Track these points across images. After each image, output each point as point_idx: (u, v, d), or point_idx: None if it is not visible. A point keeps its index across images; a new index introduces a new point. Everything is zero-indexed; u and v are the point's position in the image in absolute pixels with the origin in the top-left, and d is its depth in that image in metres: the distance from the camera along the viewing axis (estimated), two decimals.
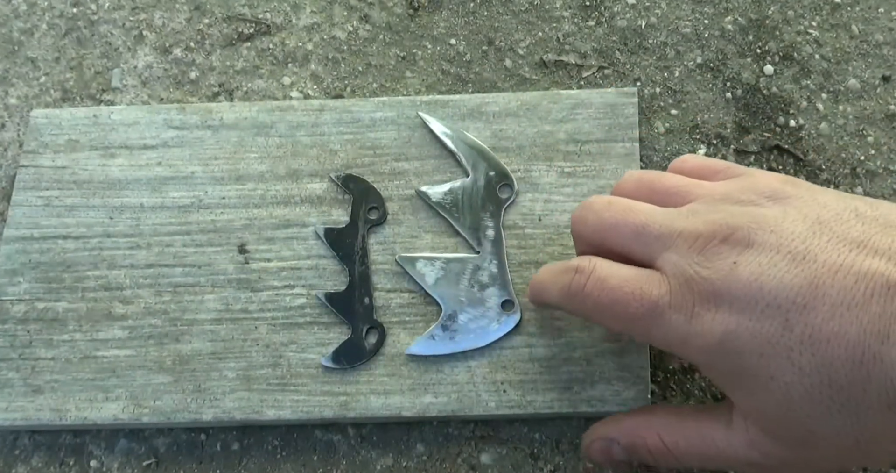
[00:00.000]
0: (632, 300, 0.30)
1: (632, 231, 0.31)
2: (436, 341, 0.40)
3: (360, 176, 0.44)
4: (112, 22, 0.52)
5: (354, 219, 0.43)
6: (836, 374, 0.26)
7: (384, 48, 0.50)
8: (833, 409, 0.26)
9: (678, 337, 0.29)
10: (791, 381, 0.26)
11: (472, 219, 0.42)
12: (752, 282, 0.27)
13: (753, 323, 0.27)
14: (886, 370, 0.25)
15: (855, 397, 0.26)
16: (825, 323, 0.26)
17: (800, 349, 0.26)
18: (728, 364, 0.28)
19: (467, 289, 0.41)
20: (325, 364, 0.40)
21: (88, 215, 0.44)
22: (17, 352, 0.41)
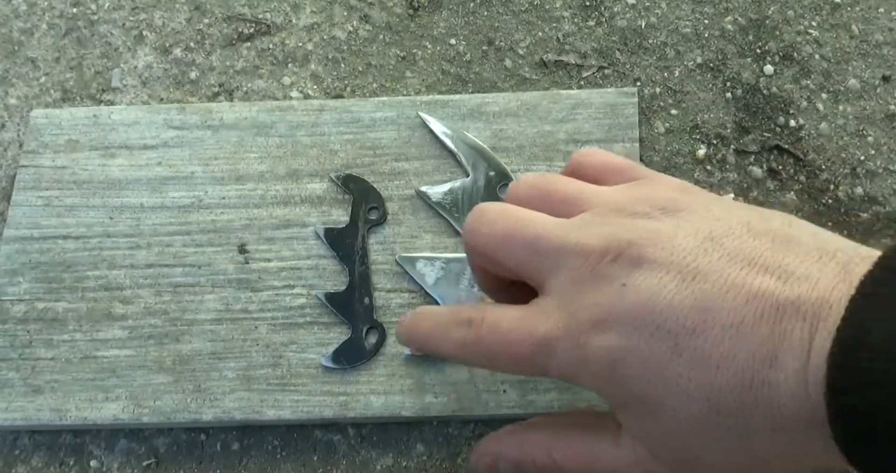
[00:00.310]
0: (523, 340, 0.29)
1: (523, 246, 0.30)
2: None
3: (360, 176, 0.44)
4: (112, 22, 0.52)
5: (354, 219, 0.43)
6: (725, 400, 0.25)
7: (384, 48, 0.50)
8: (721, 434, 0.26)
9: (571, 367, 0.28)
10: (679, 407, 0.26)
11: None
12: (640, 306, 0.26)
13: (642, 348, 0.26)
14: (773, 394, 0.24)
15: (743, 422, 0.25)
16: (714, 348, 0.25)
17: (689, 375, 0.25)
18: (618, 390, 0.28)
19: (467, 289, 0.41)
20: (325, 364, 0.40)
21: (88, 215, 0.44)
22: (17, 352, 0.41)
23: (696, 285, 0.26)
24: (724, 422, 0.26)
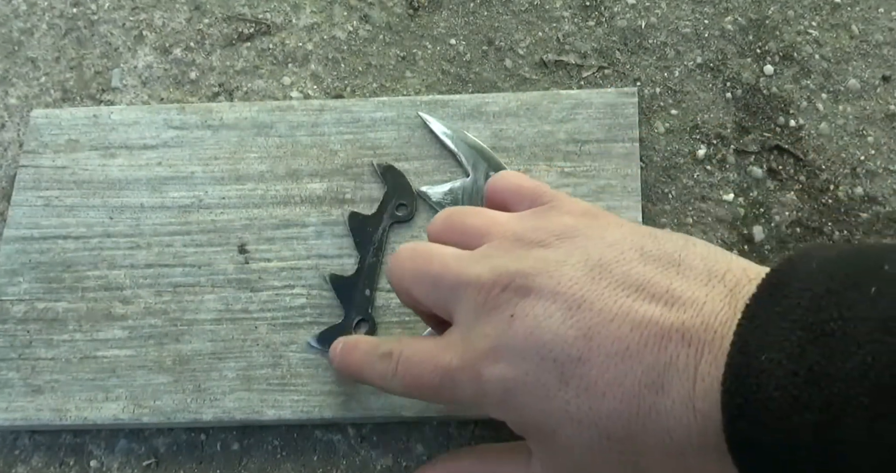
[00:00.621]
0: (429, 371, 0.30)
1: (430, 283, 0.31)
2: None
3: (400, 170, 0.44)
4: (112, 22, 0.52)
5: (382, 210, 0.43)
6: (614, 426, 0.25)
7: (384, 48, 0.50)
8: (614, 459, 0.26)
9: (471, 397, 0.29)
10: (571, 434, 0.26)
11: None
12: (527, 336, 0.27)
13: (530, 377, 0.27)
14: (661, 420, 0.25)
15: (634, 448, 0.25)
16: (600, 376, 0.25)
17: (576, 402, 0.26)
18: (516, 418, 0.28)
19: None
20: (311, 343, 0.40)
21: (88, 215, 0.44)
22: (17, 352, 0.41)
23: (582, 313, 0.26)
24: (615, 447, 0.26)
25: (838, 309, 0.22)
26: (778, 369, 0.22)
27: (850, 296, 0.22)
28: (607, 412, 0.25)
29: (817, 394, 0.21)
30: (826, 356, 0.22)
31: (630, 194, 0.42)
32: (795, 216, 0.44)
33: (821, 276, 0.23)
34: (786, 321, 0.23)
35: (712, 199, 0.45)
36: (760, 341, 0.23)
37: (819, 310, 0.22)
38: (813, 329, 0.22)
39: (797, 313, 0.23)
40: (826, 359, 0.22)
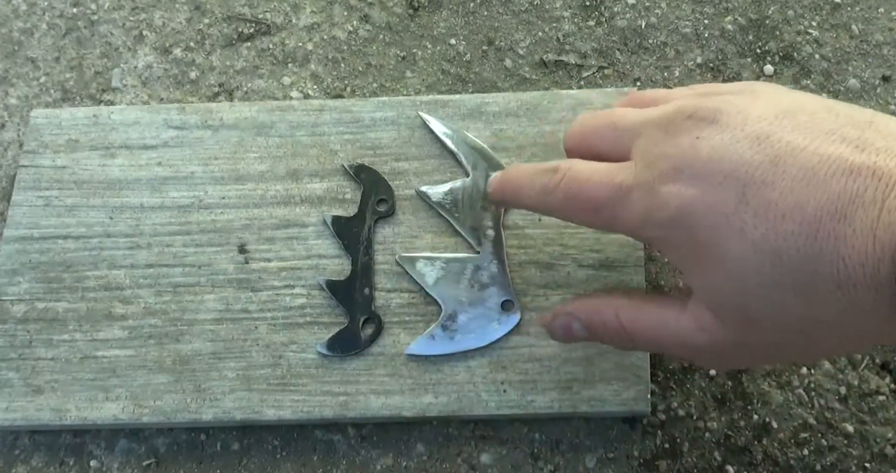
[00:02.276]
0: (598, 186, 0.30)
1: (608, 127, 0.32)
2: (435, 341, 0.40)
3: (372, 167, 0.44)
4: (112, 22, 0.52)
5: (363, 209, 0.43)
6: (789, 249, 0.25)
7: (384, 48, 0.50)
8: (782, 287, 0.26)
9: (639, 216, 0.29)
10: (742, 255, 0.26)
11: (473, 219, 0.42)
12: (712, 155, 0.27)
13: (709, 195, 0.26)
14: (839, 247, 0.24)
15: (805, 274, 0.25)
16: (782, 198, 0.25)
17: (754, 222, 0.26)
18: (683, 238, 0.28)
19: (467, 289, 0.41)
20: (320, 351, 0.40)
21: (88, 215, 0.44)
22: (17, 352, 0.41)
23: (770, 144, 0.26)
24: (785, 273, 0.25)
25: None
26: None
27: None
28: (784, 233, 0.25)
29: None
30: None
31: None
32: None
33: None
34: None
35: None
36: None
37: None
38: None
39: None
40: None
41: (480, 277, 0.41)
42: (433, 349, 0.40)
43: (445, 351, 0.40)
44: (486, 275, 0.41)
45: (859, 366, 0.41)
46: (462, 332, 0.40)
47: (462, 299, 0.41)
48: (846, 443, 0.40)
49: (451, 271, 0.41)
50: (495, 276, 0.41)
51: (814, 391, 0.41)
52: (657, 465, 0.40)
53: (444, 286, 0.41)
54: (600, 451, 0.40)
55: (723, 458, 0.40)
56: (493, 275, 0.41)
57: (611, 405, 0.39)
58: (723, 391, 0.41)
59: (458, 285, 0.41)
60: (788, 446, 0.40)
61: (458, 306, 0.41)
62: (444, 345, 0.40)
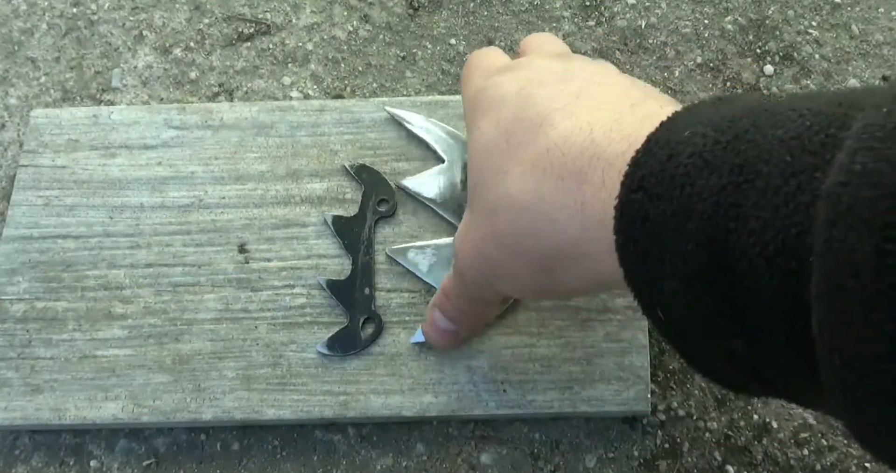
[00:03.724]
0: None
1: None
2: None
3: (372, 166, 0.44)
4: (112, 22, 0.52)
5: (363, 209, 0.43)
6: (515, 131, 0.29)
7: (384, 48, 0.50)
8: (505, 164, 0.29)
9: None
10: (484, 130, 0.31)
11: (454, 202, 0.42)
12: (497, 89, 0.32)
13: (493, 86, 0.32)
14: (549, 133, 0.28)
15: (523, 147, 0.29)
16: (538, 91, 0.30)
17: (499, 107, 0.31)
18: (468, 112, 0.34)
19: None
20: (321, 350, 0.40)
21: (88, 215, 0.44)
22: (17, 351, 0.41)
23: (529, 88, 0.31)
24: (509, 150, 0.29)
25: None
26: (699, 138, 0.22)
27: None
28: (518, 118, 0.30)
29: (732, 157, 0.21)
30: (756, 125, 0.22)
31: None
32: None
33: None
34: (706, 118, 0.23)
35: None
36: (686, 122, 0.24)
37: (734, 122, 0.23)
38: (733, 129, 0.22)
39: (715, 118, 0.23)
40: (755, 128, 0.21)
41: None
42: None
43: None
44: None
45: None
46: None
47: None
48: (846, 443, 0.40)
49: (443, 256, 0.41)
50: None
51: None
52: (657, 465, 0.40)
53: (438, 272, 0.41)
54: (600, 451, 0.40)
55: (723, 458, 0.40)
56: None
57: (611, 405, 0.39)
58: (723, 391, 0.41)
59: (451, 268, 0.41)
60: (788, 446, 0.40)
61: None
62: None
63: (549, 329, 0.40)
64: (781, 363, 0.21)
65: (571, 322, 0.40)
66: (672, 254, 0.22)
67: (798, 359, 0.20)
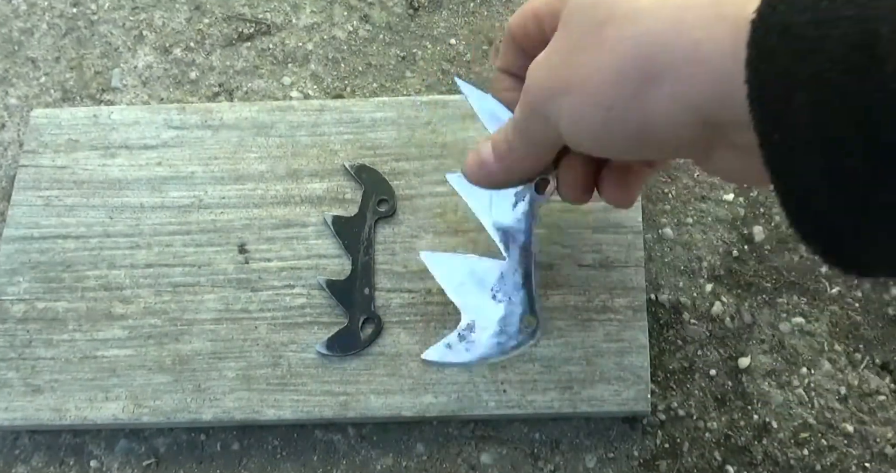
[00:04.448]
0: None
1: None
2: (452, 350, 0.39)
3: (372, 166, 0.44)
4: (112, 22, 0.52)
5: (363, 209, 0.43)
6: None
7: (384, 48, 0.50)
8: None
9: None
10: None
11: (503, 216, 0.38)
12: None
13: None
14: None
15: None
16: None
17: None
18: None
19: (490, 299, 0.39)
20: (320, 350, 0.40)
21: (88, 215, 0.44)
22: (17, 352, 0.41)
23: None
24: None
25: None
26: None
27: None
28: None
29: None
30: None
31: None
32: None
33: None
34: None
35: (712, 199, 0.45)
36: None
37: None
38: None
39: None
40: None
41: (505, 286, 0.39)
42: (449, 357, 0.39)
43: (460, 361, 0.39)
44: (511, 286, 0.39)
45: (859, 366, 0.41)
46: (478, 345, 0.39)
47: (484, 308, 0.39)
48: (846, 443, 0.40)
49: (477, 276, 0.39)
50: (520, 288, 0.39)
51: (814, 391, 0.41)
52: (657, 465, 0.40)
53: (467, 292, 0.39)
54: (600, 451, 0.40)
55: (723, 458, 0.40)
56: (517, 286, 0.39)
57: (611, 405, 0.39)
58: (723, 391, 0.41)
59: (480, 293, 0.39)
60: (788, 446, 0.40)
61: (478, 316, 0.39)
62: (460, 355, 0.39)
63: (549, 329, 0.40)
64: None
65: (571, 322, 0.40)
66: (811, 64, 0.21)
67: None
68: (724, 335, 0.42)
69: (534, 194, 0.37)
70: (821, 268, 0.43)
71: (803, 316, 0.42)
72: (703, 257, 0.44)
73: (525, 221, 0.38)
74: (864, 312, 0.42)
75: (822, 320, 0.42)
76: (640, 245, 0.41)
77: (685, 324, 0.42)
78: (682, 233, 0.44)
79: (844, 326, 0.42)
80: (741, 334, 0.42)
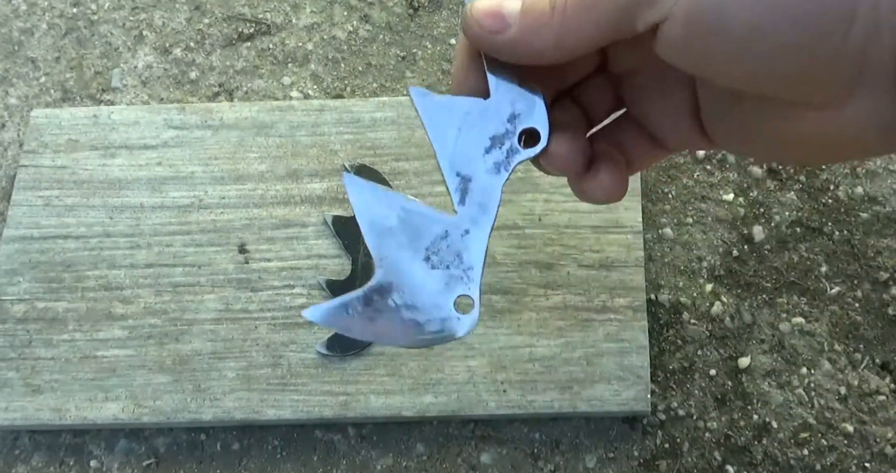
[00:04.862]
0: None
1: None
2: (347, 315, 0.27)
3: (372, 166, 0.44)
4: (112, 22, 0.52)
5: None
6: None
7: (384, 48, 0.50)
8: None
9: None
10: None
11: (466, 159, 0.28)
12: None
13: None
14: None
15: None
16: None
17: None
18: None
19: (422, 261, 0.27)
20: (320, 350, 0.40)
21: (88, 215, 0.44)
22: (17, 352, 0.41)
23: None
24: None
25: None
26: None
27: None
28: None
29: None
30: None
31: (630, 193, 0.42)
32: (795, 216, 0.44)
33: None
34: None
35: (712, 199, 0.45)
36: None
37: None
38: None
39: None
40: None
41: (443, 249, 0.28)
42: (339, 324, 0.27)
43: (350, 333, 0.27)
44: (453, 251, 0.28)
45: (859, 366, 0.41)
46: (387, 317, 0.27)
47: (409, 271, 0.27)
48: (846, 443, 0.40)
49: (411, 226, 0.28)
50: (463, 256, 0.27)
51: (814, 391, 0.41)
52: (657, 465, 0.40)
53: (392, 243, 0.27)
54: (600, 451, 0.40)
55: (723, 458, 0.40)
56: (459, 253, 0.27)
57: (611, 405, 0.39)
58: (723, 391, 0.41)
59: (409, 249, 0.28)
60: (788, 446, 0.40)
61: (398, 279, 0.27)
62: (356, 325, 0.27)
63: (549, 329, 0.40)
64: None
65: (571, 322, 0.40)
66: None
67: None
68: (724, 335, 0.42)
69: (516, 144, 0.28)
70: (821, 268, 0.43)
71: (803, 316, 0.42)
72: (703, 257, 0.44)
73: (495, 173, 0.28)
74: (864, 312, 0.42)
75: (822, 320, 0.42)
76: (640, 245, 0.41)
77: (685, 324, 0.42)
78: (682, 233, 0.44)
79: (844, 326, 0.42)
80: (741, 334, 0.42)
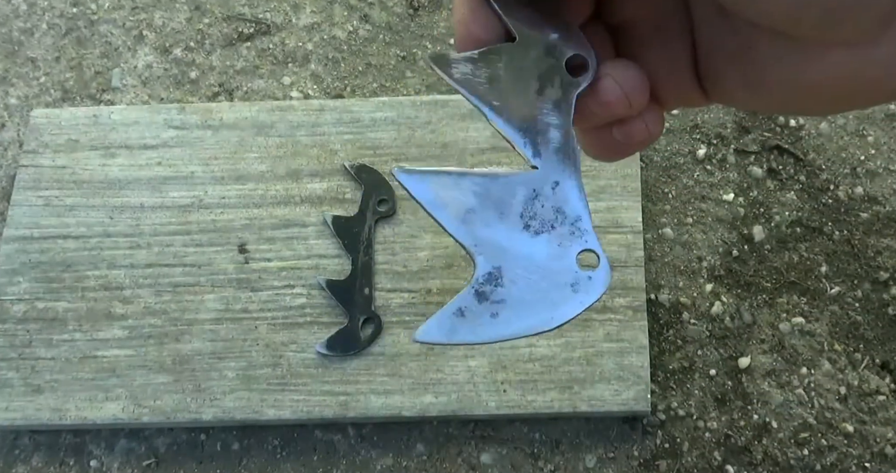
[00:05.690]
0: None
1: None
2: (466, 319, 0.23)
3: (372, 166, 0.44)
4: (112, 22, 0.52)
5: (363, 209, 0.43)
6: None
7: (384, 48, 0.50)
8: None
9: None
10: None
11: (522, 108, 0.24)
12: None
13: None
14: None
15: None
16: None
17: None
18: None
19: (520, 231, 0.23)
20: (320, 350, 0.40)
21: (88, 215, 0.44)
22: (17, 352, 0.41)
23: None
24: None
25: None
26: None
27: None
28: None
29: None
30: None
31: (630, 193, 0.42)
32: (795, 216, 0.44)
33: None
34: None
35: (712, 199, 0.45)
36: None
37: None
38: None
39: None
40: None
41: (538, 210, 0.24)
42: (459, 334, 0.23)
43: (483, 339, 0.23)
44: (549, 208, 0.24)
45: (859, 366, 0.41)
46: (512, 304, 0.23)
47: (514, 246, 0.24)
48: (846, 443, 0.40)
49: (492, 198, 0.24)
50: (563, 208, 0.24)
51: (814, 391, 0.41)
52: (657, 465, 0.40)
53: (480, 224, 0.24)
54: (600, 451, 0.40)
55: (723, 458, 0.40)
56: (558, 207, 0.24)
57: (611, 406, 0.39)
58: (723, 391, 0.41)
59: (503, 224, 0.24)
60: (788, 446, 0.40)
61: (504, 260, 0.24)
62: (483, 326, 0.23)
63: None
64: None
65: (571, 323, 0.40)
66: None
67: None
68: (724, 334, 0.42)
69: (567, 76, 0.23)
70: (821, 268, 0.43)
71: (803, 316, 0.42)
72: (703, 257, 0.44)
73: (558, 113, 0.24)
74: (864, 312, 0.42)
75: (822, 320, 0.42)
76: (640, 245, 0.41)
77: (685, 324, 0.42)
78: (682, 233, 0.44)
79: (844, 326, 0.42)
80: (741, 334, 0.42)
